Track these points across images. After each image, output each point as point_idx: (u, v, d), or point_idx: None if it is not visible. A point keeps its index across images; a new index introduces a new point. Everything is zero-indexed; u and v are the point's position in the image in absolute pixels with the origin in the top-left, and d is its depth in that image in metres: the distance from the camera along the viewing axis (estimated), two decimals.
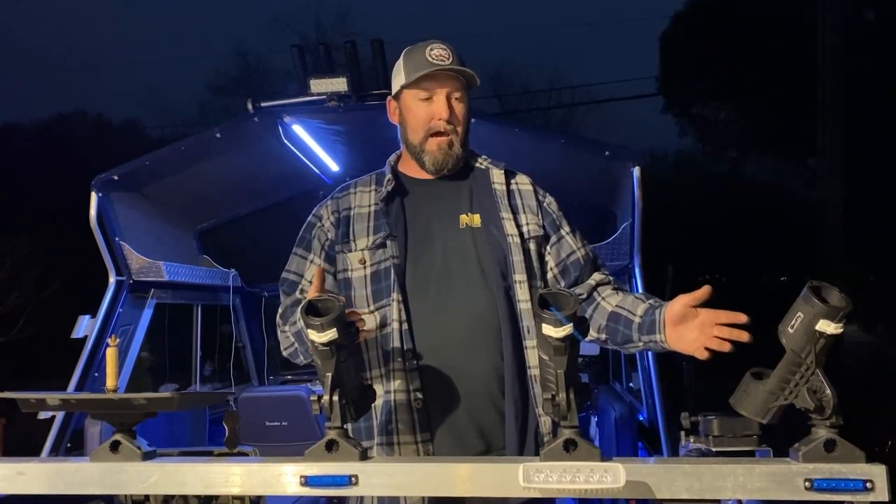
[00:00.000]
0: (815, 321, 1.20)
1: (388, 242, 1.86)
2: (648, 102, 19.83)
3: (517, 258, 1.88)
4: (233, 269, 4.62)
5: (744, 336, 1.55)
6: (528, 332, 1.83)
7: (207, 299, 4.65)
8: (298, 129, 3.84)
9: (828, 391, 1.21)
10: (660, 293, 1.92)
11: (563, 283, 1.94)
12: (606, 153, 3.55)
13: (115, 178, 3.77)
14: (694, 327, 1.64)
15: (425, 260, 1.87)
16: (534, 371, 1.82)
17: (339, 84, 3.47)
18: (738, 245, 16.56)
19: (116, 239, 3.77)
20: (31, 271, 12.54)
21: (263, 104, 3.66)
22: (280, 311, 1.93)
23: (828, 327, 1.19)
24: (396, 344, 1.80)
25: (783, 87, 15.38)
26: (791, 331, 1.23)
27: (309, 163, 4.23)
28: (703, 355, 1.62)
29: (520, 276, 1.86)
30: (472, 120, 2.00)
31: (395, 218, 1.91)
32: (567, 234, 1.99)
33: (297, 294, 1.91)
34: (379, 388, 1.81)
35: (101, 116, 23.11)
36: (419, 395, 1.79)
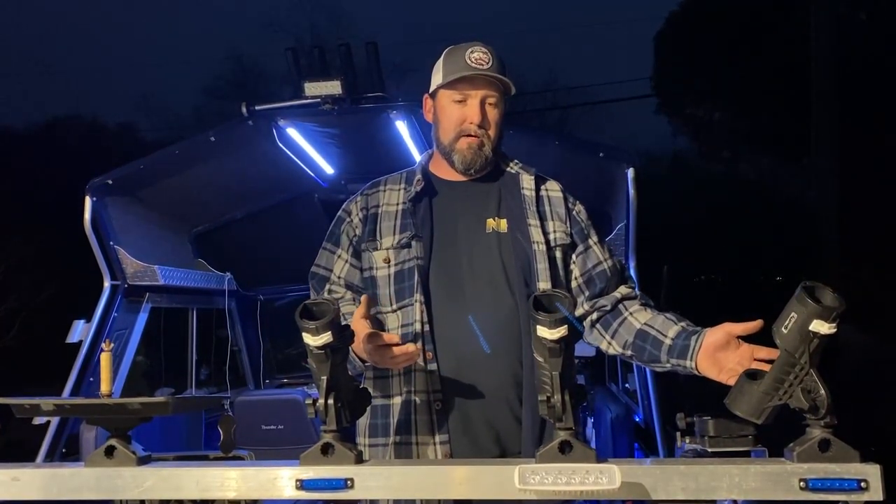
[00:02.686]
0: (808, 321, 1.20)
1: (413, 243, 1.87)
2: (643, 103, 19.85)
3: (542, 266, 1.88)
4: (228, 273, 4.62)
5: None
6: None
7: (203, 303, 4.64)
8: (293, 132, 3.84)
9: (822, 391, 1.21)
10: (655, 294, 1.92)
11: (587, 293, 1.94)
12: (601, 154, 3.55)
13: (110, 182, 3.76)
14: (734, 357, 1.65)
15: (450, 262, 1.88)
16: None
17: (334, 87, 3.46)
18: (733, 245, 16.56)
19: (111, 243, 3.76)
20: (26, 276, 12.50)
21: (258, 107, 3.65)
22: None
23: (821, 327, 1.19)
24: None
25: (777, 86, 15.41)
26: (785, 331, 1.23)
27: (303, 166, 4.23)
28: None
29: (544, 284, 1.86)
30: None
31: (422, 218, 1.91)
32: (595, 244, 1.99)
33: (326, 295, 1.90)
34: (397, 388, 1.83)
35: (97, 120, 23.03)
36: (439, 397, 1.79)
